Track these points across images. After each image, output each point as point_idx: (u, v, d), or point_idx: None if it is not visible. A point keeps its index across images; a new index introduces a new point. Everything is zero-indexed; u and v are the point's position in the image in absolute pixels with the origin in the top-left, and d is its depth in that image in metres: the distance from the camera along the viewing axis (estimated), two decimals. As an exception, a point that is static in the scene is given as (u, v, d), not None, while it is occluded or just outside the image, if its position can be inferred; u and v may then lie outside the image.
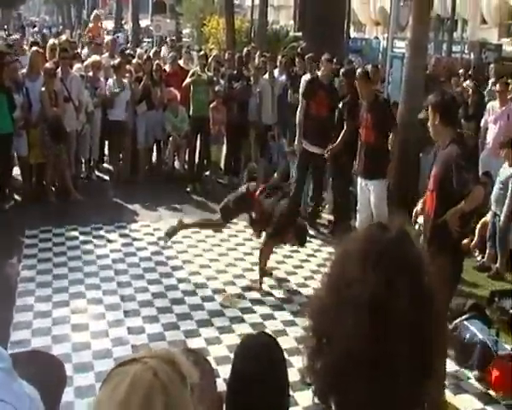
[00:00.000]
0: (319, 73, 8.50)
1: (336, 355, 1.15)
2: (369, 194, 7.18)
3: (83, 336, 5.15)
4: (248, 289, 6.32)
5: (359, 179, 7.41)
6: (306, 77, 9.01)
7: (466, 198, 4.27)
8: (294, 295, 6.24)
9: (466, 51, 19.80)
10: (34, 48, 9.67)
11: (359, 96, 7.35)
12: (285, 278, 6.69)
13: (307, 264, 7.03)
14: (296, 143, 8.53)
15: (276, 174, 9.71)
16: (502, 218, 7.09)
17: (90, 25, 15.62)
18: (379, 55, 19.70)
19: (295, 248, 6.87)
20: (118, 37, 14.67)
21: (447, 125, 4.47)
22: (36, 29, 28.78)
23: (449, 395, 4.61)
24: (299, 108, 8.44)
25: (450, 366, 4.91)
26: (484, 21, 30.76)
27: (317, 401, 1.22)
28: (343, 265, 1.23)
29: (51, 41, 11.06)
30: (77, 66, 9.87)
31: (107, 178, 10.05)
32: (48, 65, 8.75)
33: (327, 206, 8.87)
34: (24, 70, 8.82)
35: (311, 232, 7.73)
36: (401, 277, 1.17)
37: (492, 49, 18.59)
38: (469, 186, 4.27)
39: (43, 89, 8.44)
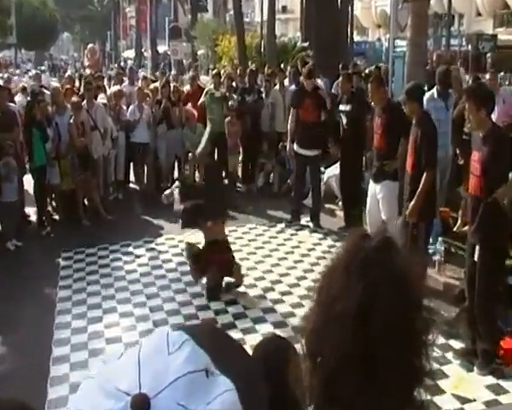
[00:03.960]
0: (304, 82, 8.21)
1: (328, 372, 1.08)
2: (379, 197, 6.58)
3: (116, 348, 5.09)
4: (268, 290, 6.26)
5: (370, 183, 6.88)
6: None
7: None
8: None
9: (463, 44, 19.47)
10: (54, 85, 9.71)
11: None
12: (304, 275, 6.61)
13: (329, 255, 6.92)
14: (288, 149, 8.39)
15: (289, 180, 9.60)
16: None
17: (86, 60, 15.22)
18: (382, 56, 19.48)
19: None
20: (132, 66, 14.62)
21: (489, 115, 4.54)
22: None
23: (463, 371, 4.62)
24: (290, 117, 8.26)
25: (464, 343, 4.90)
26: (479, 14, 30.23)
27: None
28: (329, 279, 1.15)
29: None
30: (100, 96, 9.88)
31: (132, 196, 10.02)
32: (74, 99, 8.75)
33: (339, 203, 8.70)
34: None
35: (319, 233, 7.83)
36: (385, 285, 1.08)
37: (488, 40, 18.20)
38: None
39: (71, 121, 8.44)
